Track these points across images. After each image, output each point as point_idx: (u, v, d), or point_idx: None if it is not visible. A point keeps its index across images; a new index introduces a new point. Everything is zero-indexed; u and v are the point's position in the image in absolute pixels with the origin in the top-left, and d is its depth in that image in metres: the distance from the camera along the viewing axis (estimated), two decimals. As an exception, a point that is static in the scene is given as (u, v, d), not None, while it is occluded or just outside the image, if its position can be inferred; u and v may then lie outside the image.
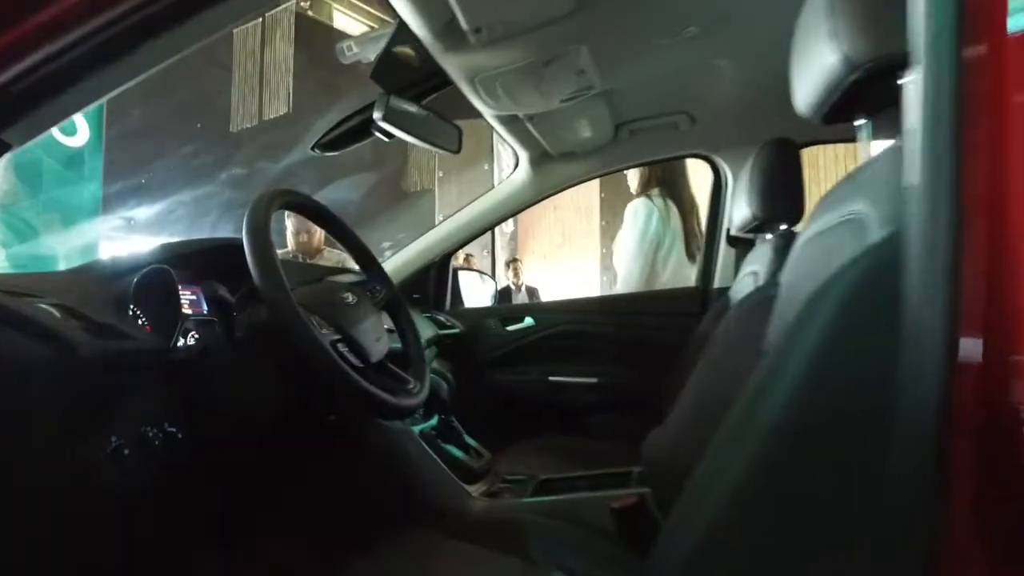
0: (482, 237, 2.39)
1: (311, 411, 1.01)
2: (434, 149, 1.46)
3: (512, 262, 6.47)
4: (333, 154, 1.49)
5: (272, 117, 6.33)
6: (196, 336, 1.03)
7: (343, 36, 6.59)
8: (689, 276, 2.28)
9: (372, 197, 6.71)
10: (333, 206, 1.09)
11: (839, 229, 0.71)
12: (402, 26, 1.17)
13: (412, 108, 1.34)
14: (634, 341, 1.97)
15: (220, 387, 0.90)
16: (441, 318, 1.98)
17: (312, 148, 1.47)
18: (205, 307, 1.08)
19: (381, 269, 1.16)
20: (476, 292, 2.39)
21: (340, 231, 1.09)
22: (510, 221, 8.08)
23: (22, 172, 3.51)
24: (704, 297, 1.95)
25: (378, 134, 1.38)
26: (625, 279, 2.23)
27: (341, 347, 0.90)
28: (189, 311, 1.07)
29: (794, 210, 1.37)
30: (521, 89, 1.36)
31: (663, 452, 1.08)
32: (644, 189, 2.26)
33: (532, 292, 6.15)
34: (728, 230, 1.90)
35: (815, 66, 0.70)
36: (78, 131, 3.79)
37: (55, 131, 3.82)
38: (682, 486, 0.94)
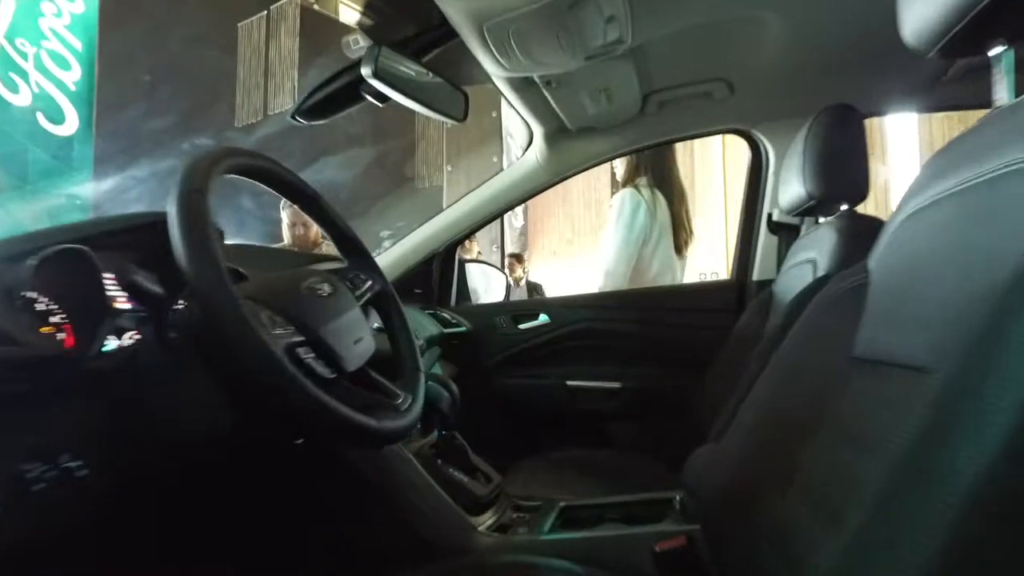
0: (491, 231, 2.21)
1: (273, 433, 0.79)
2: (435, 116, 1.24)
3: (511, 256, 6.18)
4: (318, 123, 1.27)
5: (277, 112, 6.17)
6: (138, 336, 0.82)
7: (349, 30, 6.43)
8: (676, 272, 2.18)
9: (368, 178, 6.36)
10: (319, 188, 0.88)
11: (1003, 185, 0.50)
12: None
13: (408, 65, 1.13)
14: (662, 340, 1.79)
15: (147, 404, 0.68)
16: (446, 315, 1.80)
17: (292, 116, 1.25)
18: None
19: (368, 255, 0.94)
20: (488, 287, 2.21)
21: (314, 207, 0.87)
22: (520, 215, 7.91)
23: (6, 162, 3.36)
24: (741, 291, 1.74)
25: (369, 97, 1.16)
26: (608, 275, 2.09)
27: (302, 352, 0.68)
28: (128, 305, 0.87)
29: (859, 187, 1.18)
30: (538, 41, 1.14)
31: (717, 479, 0.87)
32: (631, 178, 2.13)
33: (534, 289, 5.77)
34: (770, 215, 1.69)
35: None
36: (67, 119, 3.61)
37: (42, 119, 3.67)
38: (746, 525, 0.74)
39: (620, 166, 2.16)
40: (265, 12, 6.64)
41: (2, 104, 3.34)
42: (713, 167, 6.89)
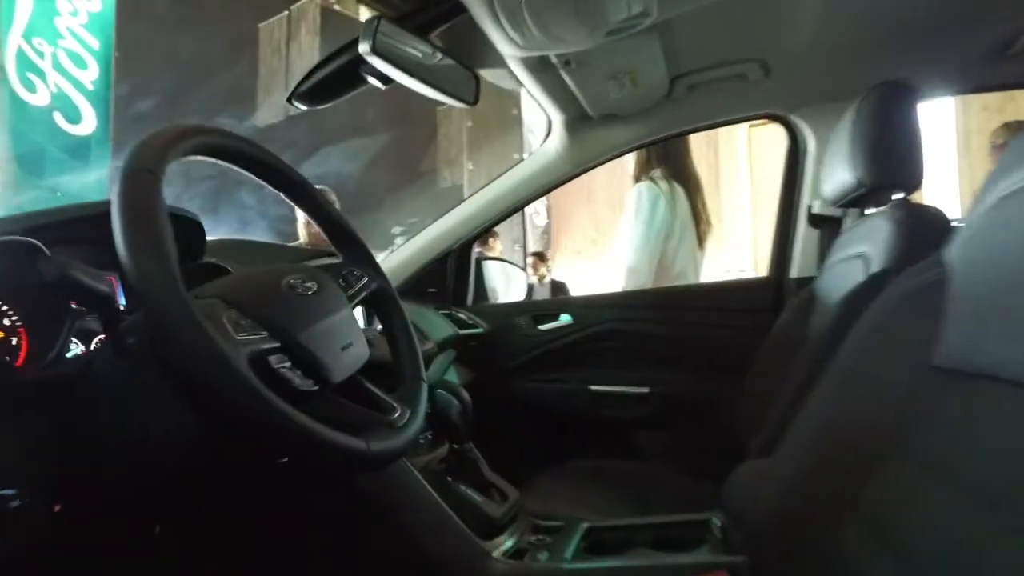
0: (513, 230, 2.11)
1: (251, 452, 0.69)
2: (443, 98, 1.14)
3: (534, 255, 6.03)
4: (318, 107, 1.17)
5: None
6: (102, 341, 0.74)
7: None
8: (699, 267, 2.10)
9: (378, 170, 6.14)
10: (324, 183, 0.78)
11: None
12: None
13: (412, 42, 1.02)
14: (693, 342, 1.68)
15: (105, 415, 0.59)
16: (461, 315, 1.71)
17: (288, 99, 1.15)
18: (123, 299, 0.78)
19: (364, 249, 0.84)
20: (507, 286, 2.11)
21: (301, 194, 0.77)
22: (543, 213, 7.79)
23: (23, 161, 3.35)
24: (778, 289, 1.62)
25: (371, 79, 1.06)
26: (632, 273, 1.99)
27: (276, 361, 0.57)
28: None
29: (915, 173, 1.06)
30: (554, 14, 1.03)
31: (767, 504, 0.76)
32: (644, 170, 2.03)
33: (558, 288, 5.56)
34: (809, 207, 1.56)
35: None
36: (84, 118, 3.60)
37: (59, 118, 3.65)
38: (802, 560, 0.63)
39: (631, 160, 2.05)
40: (286, 12, 6.67)
41: (20, 104, 3.34)
42: (738, 160, 6.72)
